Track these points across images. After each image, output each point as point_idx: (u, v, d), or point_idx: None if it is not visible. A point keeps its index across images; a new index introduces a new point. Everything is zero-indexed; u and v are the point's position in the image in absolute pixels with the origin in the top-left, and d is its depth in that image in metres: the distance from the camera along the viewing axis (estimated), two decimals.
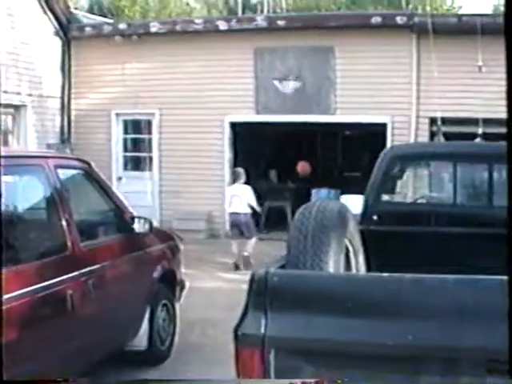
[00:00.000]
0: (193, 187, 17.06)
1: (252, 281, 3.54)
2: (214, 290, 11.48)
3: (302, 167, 16.92)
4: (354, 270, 4.37)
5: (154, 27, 17.10)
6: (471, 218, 6.58)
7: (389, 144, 16.10)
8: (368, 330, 3.32)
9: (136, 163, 18.21)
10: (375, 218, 6.42)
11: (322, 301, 3.40)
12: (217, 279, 12.59)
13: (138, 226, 6.88)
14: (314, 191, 17.81)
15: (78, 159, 6.62)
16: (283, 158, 19.38)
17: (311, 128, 19.26)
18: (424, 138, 15.62)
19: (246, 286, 10.49)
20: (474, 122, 12.93)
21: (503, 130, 8.17)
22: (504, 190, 6.86)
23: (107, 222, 6.89)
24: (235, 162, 17.50)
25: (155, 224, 7.71)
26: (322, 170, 20.53)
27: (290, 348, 3.42)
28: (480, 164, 6.83)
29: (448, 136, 8.19)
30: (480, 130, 7.73)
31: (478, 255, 6.18)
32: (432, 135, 15.71)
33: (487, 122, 12.98)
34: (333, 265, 3.81)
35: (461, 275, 3.46)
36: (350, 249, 4.33)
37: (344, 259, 4.06)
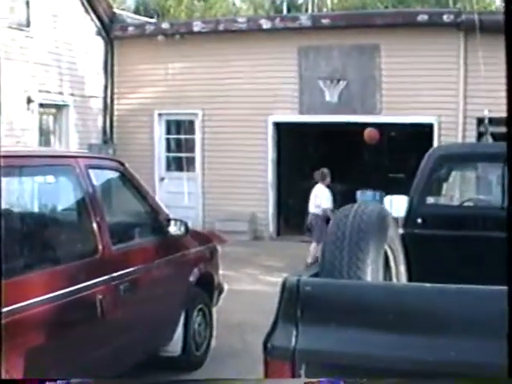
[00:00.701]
0: (236, 188, 16.88)
1: (283, 289, 3.32)
2: (255, 293, 11.26)
3: (370, 134, 16.08)
4: (394, 279, 4.10)
5: (197, 26, 16.95)
6: None
7: (435, 145, 15.78)
8: (407, 344, 3.08)
9: (179, 164, 18.10)
10: (419, 221, 6.16)
11: (358, 312, 3.16)
12: (259, 282, 12.38)
13: (173, 229, 6.68)
14: (358, 193, 17.53)
15: (111, 159, 6.46)
16: (328, 159, 19.07)
17: (356, 128, 18.96)
18: (471, 138, 15.26)
19: None
20: None
21: None
22: None
23: (141, 224, 6.69)
24: (279, 163, 17.30)
25: (198, 225, 7.49)
26: (367, 172, 20.19)
27: (323, 363, 3.18)
28: None
29: (496, 136, 7.87)
30: None
31: None
32: (479, 135, 15.34)
33: None
34: (371, 273, 3.55)
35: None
36: (390, 256, 4.06)
37: (383, 267, 3.79)
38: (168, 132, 17.96)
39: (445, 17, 15.12)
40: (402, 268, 4.20)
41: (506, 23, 2.79)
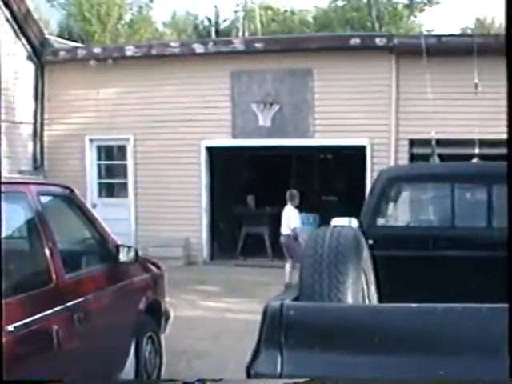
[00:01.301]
0: (169, 213, 16.75)
1: (265, 314, 3.23)
2: (196, 319, 11.15)
3: None
4: (366, 300, 4.06)
5: (130, 51, 16.83)
6: (470, 241, 6.35)
7: (368, 167, 15.94)
8: (395, 365, 3.03)
9: (111, 190, 17.91)
10: (371, 242, 6.15)
11: (345, 336, 3.11)
12: (198, 307, 12.26)
13: (122, 255, 6.54)
14: None
15: (59, 185, 6.27)
16: (261, 183, 19.10)
17: (289, 152, 19.05)
18: (404, 160, 15.47)
19: (228, 314, 10.19)
20: (466, 143, 12.83)
21: (494, 150, 7.95)
22: (504, 212, 6.64)
23: (91, 251, 6.54)
24: (212, 187, 17.23)
25: None
26: (300, 195, 20.23)
27: None
28: (479, 185, 6.58)
29: (443, 157, 8.04)
30: (477, 151, 7.51)
31: (478, 278, 5.96)
32: (412, 157, 15.55)
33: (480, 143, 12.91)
34: (351, 295, 3.50)
35: (494, 304, 3.18)
36: (363, 277, 4.02)
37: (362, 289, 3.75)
38: (99, 158, 17.72)
39: (377, 40, 15.32)
40: (373, 289, 4.17)
41: (507, 27, 2.75)
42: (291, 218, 13.99)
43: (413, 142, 15.56)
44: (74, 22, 35.11)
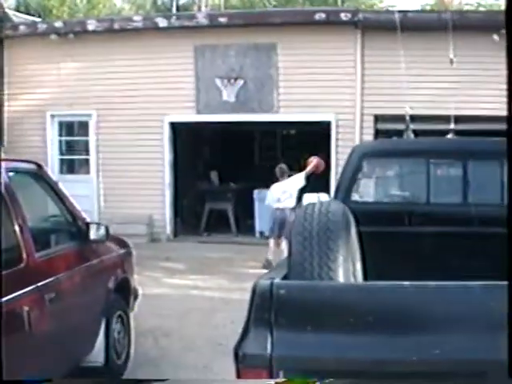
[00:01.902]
0: (132, 190, 16.58)
1: (254, 293, 3.12)
2: (161, 297, 11.03)
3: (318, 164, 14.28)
4: (351, 278, 3.97)
5: (91, 25, 16.50)
6: (445, 217, 6.30)
7: (333, 142, 15.89)
8: (389, 345, 2.96)
9: (73, 166, 17.69)
10: None
11: (337, 315, 3.02)
12: (163, 285, 12.14)
13: (93, 233, 6.40)
14: (255, 192, 17.45)
15: (28, 161, 6.08)
16: (225, 159, 18.98)
17: (253, 127, 18.93)
18: (369, 136, 15.46)
19: (194, 292, 10.06)
20: (437, 118, 12.84)
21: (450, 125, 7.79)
22: (479, 187, 6.60)
23: (61, 229, 6.39)
24: (175, 163, 17.07)
25: None
26: (263, 170, 20.17)
27: (302, 369, 3.01)
28: (454, 161, 6.53)
29: (417, 133, 7.99)
30: (452, 126, 7.46)
31: (453, 254, 5.93)
32: (377, 133, 15.53)
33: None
34: (343, 273, 3.40)
35: (486, 281, 3.11)
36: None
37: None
38: (61, 134, 17.45)
39: (342, 15, 15.21)
40: (359, 265, 4.08)
41: (507, 23, 2.70)
42: (288, 192, 13.57)
43: (378, 118, 15.54)
44: None
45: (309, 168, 13.78)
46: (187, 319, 9.69)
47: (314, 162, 13.89)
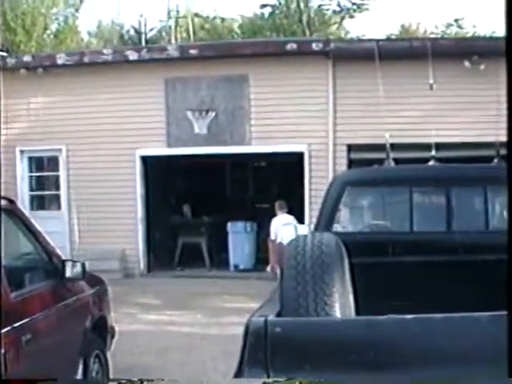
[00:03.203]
0: (104, 225, 16.36)
1: (247, 332, 2.94)
2: (138, 333, 10.79)
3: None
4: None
5: (61, 59, 16.34)
6: (430, 245, 6.18)
7: (306, 173, 15.80)
8: (393, 382, 2.79)
9: (43, 202, 17.43)
10: None
11: (337, 352, 2.85)
12: (139, 321, 11.92)
13: (68, 271, 6.18)
14: (229, 224, 17.31)
15: (0, 197, 5.87)
16: (197, 192, 18.81)
17: (225, 160, 18.81)
18: (342, 165, 15.37)
19: (170, 327, 9.82)
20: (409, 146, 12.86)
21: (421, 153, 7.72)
22: (463, 214, 6.48)
23: (36, 267, 6.16)
24: (147, 197, 16.89)
25: None
26: (235, 203, 20.05)
27: None
28: (437, 188, 6.42)
29: (398, 161, 7.92)
30: (433, 153, 7.38)
31: (439, 283, 5.81)
32: (350, 162, 15.46)
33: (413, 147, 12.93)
34: (339, 308, 3.24)
35: (492, 312, 2.97)
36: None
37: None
38: (31, 169, 17.20)
39: (314, 45, 15.18)
40: (351, 298, 3.91)
41: (507, 28, 2.59)
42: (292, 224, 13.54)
43: (351, 148, 15.49)
44: None
45: None
46: (165, 356, 9.46)
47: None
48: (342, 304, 3.29)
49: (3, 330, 4.80)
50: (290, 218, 14.10)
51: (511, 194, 2.73)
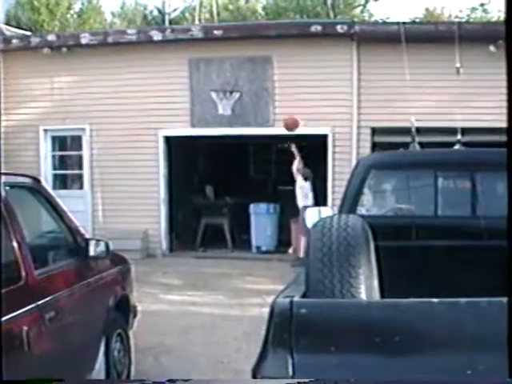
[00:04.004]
0: (127, 205, 16.39)
1: (272, 313, 2.93)
2: (159, 313, 10.84)
3: (289, 123, 14.72)
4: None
5: (85, 39, 16.33)
6: (454, 230, 6.13)
7: (330, 156, 15.75)
8: (419, 366, 2.78)
9: (66, 181, 17.50)
10: None
11: (362, 335, 2.83)
12: (161, 301, 11.96)
13: (92, 249, 6.21)
14: (252, 206, 17.30)
15: (26, 176, 5.90)
16: (220, 173, 18.81)
17: (249, 141, 18.78)
18: (366, 148, 15.30)
19: (192, 308, 9.84)
20: (434, 130, 12.76)
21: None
22: (488, 200, 6.44)
23: (60, 245, 6.18)
24: (170, 178, 16.90)
25: None
26: (258, 184, 20.04)
27: None
28: (462, 172, 6.36)
29: (423, 145, 7.83)
30: (459, 137, 7.33)
31: (462, 268, 5.77)
32: (374, 146, 15.39)
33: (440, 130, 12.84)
34: (365, 290, 3.22)
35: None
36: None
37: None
38: (54, 148, 17.27)
39: (338, 28, 15.08)
40: (376, 282, 3.89)
41: (507, 26, 2.57)
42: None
43: (375, 131, 15.41)
44: (21, 11, 34.33)
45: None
46: (187, 336, 9.49)
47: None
48: (367, 287, 3.28)
49: (26, 308, 4.84)
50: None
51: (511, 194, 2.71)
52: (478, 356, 2.77)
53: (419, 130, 7.55)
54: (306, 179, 15.28)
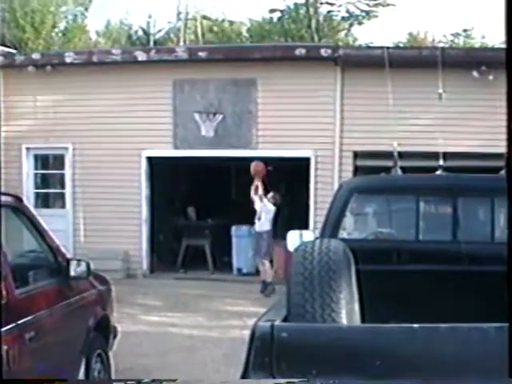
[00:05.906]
0: (108, 225, 16.33)
1: (253, 336, 2.94)
2: (139, 334, 10.79)
3: (255, 166, 15.10)
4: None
5: (70, 57, 16.34)
6: (435, 255, 6.17)
7: (312, 179, 15.79)
8: None
9: (48, 200, 17.44)
10: None
11: (343, 359, 2.84)
12: (141, 322, 11.92)
13: (73, 269, 6.19)
14: (233, 228, 17.29)
15: (8, 194, 5.88)
16: (202, 195, 18.79)
17: (231, 163, 18.77)
18: (348, 172, 15.35)
19: (172, 329, 9.83)
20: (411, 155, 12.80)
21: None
22: (469, 225, 6.48)
23: (41, 265, 6.17)
24: (152, 198, 16.87)
25: None
26: (239, 207, 20.00)
27: None
28: (444, 197, 6.41)
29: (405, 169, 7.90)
30: (441, 162, 7.38)
31: (442, 293, 5.80)
32: (356, 169, 15.45)
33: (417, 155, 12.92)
34: (346, 315, 3.23)
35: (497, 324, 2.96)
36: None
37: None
38: (36, 167, 17.22)
39: (322, 51, 15.17)
40: (357, 306, 3.90)
41: (507, 33, 2.58)
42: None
43: (357, 155, 15.48)
44: (7, 28, 34.31)
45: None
46: (167, 358, 9.46)
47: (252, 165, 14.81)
48: (348, 311, 3.29)
49: (6, 327, 4.81)
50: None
51: (511, 207, 2.73)
52: (458, 381, 2.79)
53: (401, 155, 7.63)
54: (274, 204, 15.14)
